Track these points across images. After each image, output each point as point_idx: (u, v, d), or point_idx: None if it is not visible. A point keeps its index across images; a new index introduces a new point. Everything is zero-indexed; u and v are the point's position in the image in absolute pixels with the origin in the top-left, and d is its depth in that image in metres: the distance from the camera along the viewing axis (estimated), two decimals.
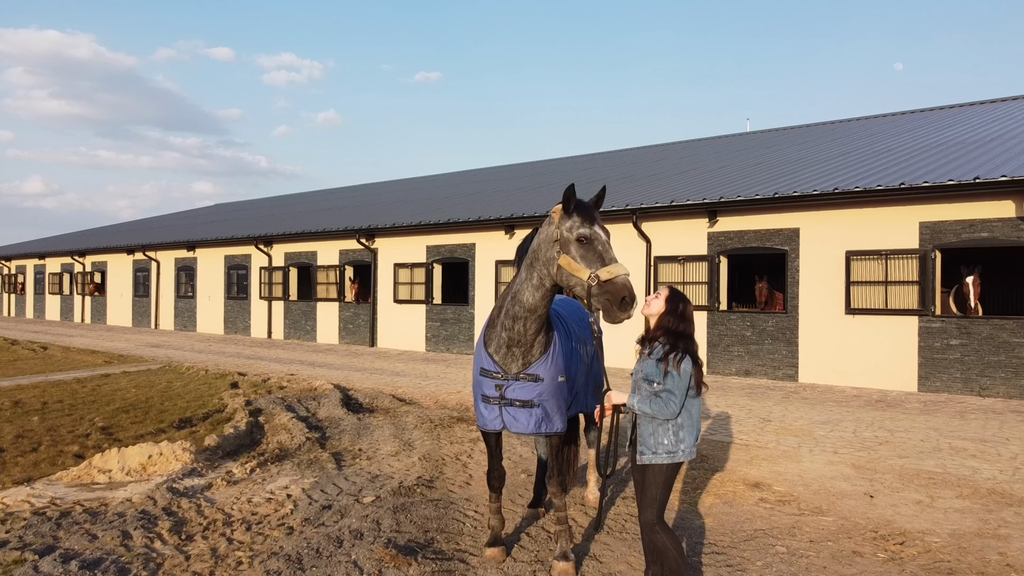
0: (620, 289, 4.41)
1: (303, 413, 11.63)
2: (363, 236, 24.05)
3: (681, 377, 4.30)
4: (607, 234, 4.73)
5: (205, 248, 31.17)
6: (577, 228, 4.69)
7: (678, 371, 4.30)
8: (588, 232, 4.65)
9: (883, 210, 14.26)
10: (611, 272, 4.45)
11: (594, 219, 4.71)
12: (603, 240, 4.65)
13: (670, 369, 4.30)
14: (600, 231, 4.67)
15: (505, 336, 5.05)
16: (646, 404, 4.32)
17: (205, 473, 7.86)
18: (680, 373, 4.30)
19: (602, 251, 4.60)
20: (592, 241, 4.63)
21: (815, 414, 11.83)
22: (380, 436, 9.88)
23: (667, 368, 4.31)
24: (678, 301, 4.50)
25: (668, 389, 4.29)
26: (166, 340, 27.40)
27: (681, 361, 4.31)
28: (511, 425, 5.12)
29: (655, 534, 4.38)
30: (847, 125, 27.55)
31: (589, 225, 4.67)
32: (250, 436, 10.08)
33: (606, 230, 4.74)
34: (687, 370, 4.32)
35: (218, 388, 14.70)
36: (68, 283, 40.38)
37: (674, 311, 4.47)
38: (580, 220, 4.71)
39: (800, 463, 8.72)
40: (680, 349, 4.36)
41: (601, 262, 4.54)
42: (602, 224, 4.76)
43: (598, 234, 4.65)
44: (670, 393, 4.29)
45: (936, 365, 13.68)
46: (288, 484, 7.38)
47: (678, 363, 4.30)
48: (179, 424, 11.08)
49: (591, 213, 4.74)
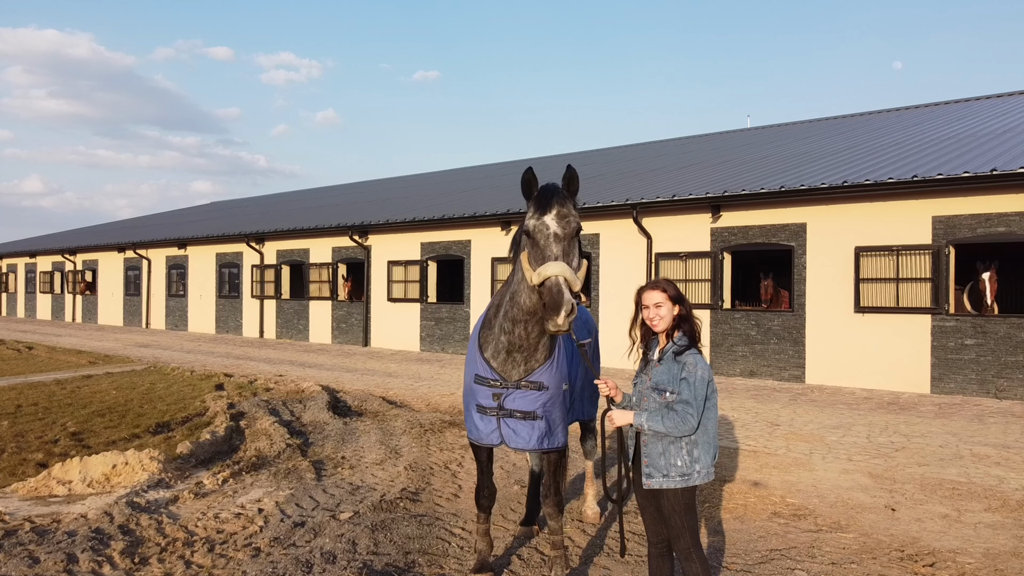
0: (547, 294, 3.79)
1: (287, 417, 11.05)
2: (356, 233, 23.45)
3: (698, 383, 3.73)
4: (564, 224, 3.95)
5: (196, 246, 30.57)
6: (526, 220, 4.07)
7: (695, 375, 3.73)
8: (533, 224, 3.99)
9: (894, 204, 13.68)
10: (540, 275, 3.81)
11: (547, 207, 3.98)
12: (548, 233, 3.92)
13: (686, 374, 3.74)
14: (551, 221, 3.94)
15: (505, 340, 4.44)
16: (658, 421, 3.73)
17: (173, 484, 7.28)
18: (697, 378, 3.73)
19: (544, 246, 3.91)
20: (535, 236, 3.97)
21: (825, 417, 11.27)
22: (366, 442, 9.31)
23: (683, 373, 3.75)
24: (678, 292, 3.96)
25: (685, 400, 3.71)
26: (156, 340, 26.80)
27: (698, 364, 3.76)
28: (510, 440, 4.50)
29: (690, 563, 3.82)
30: (851, 120, 26.96)
31: (538, 215, 3.99)
32: (228, 442, 9.51)
33: (566, 217, 3.97)
34: (704, 376, 3.76)
35: (202, 390, 14.13)
36: (59, 282, 39.77)
37: (681, 297, 3.92)
38: (531, 210, 4.06)
39: (813, 472, 8.16)
40: (698, 344, 3.81)
41: (541, 260, 3.89)
42: (563, 211, 3.98)
43: (544, 226, 3.94)
44: (687, 405, 3.70)
45: (950, 366, 13.10)
46: (261, 497, 6.80)
47: (694, 365, 3.74)
48: (156, 429, 10.52)
49: (546, 200, 4.01)
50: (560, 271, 3.78)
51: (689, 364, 3.76)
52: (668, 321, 3.90)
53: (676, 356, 3.81)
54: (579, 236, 4.09)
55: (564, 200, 4.03)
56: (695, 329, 3.88)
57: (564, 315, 3.70)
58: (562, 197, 4.03)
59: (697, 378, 3.73)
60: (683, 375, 3.74)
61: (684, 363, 3.78)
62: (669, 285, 3.98)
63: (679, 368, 3.78)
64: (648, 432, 3.79)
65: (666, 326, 3.91)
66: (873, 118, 26.25)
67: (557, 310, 3.71)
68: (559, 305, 3.71)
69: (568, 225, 3.97)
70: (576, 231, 4.01)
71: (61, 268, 39.59)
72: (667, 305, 3.89)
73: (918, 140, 18.15)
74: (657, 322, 3.90)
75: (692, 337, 3.86)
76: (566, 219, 3.98)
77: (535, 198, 4.08)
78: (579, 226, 4.04)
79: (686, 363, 3.77)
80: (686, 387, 3.72)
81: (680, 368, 3.78)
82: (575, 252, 4.00)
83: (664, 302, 3.90)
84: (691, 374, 3.74)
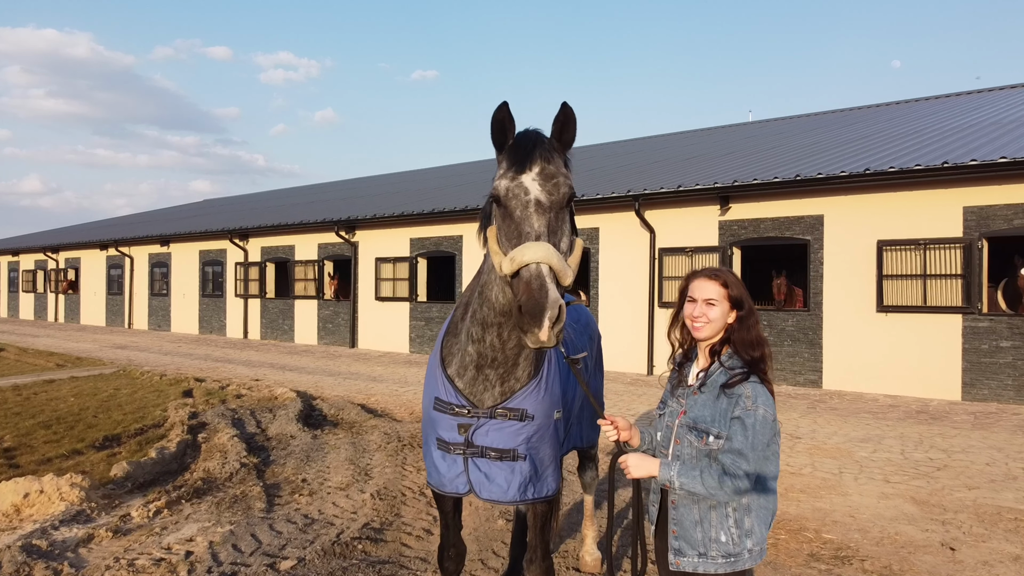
0: (523, 290, 2.55)
1: (251, 429, 9.91)
2: (343, 228, 22.27)
3: (759, 426, 2.60)
4: (550, 187, 2.74)
5: (179, 243, 29.37)
6: (496, 180, 2.85)
7: (755, 414, 2.60)
8: (505, 187, 2.78)
9: (921, 193, 12.53)
10: (514, 261, 2.60)
11: (526, 161, 2.76)
12: (526, 200, 2.71)
13: (741, 413, 2.59)
14: (530, 182, 2.72)
15: (473, 352, 3.23)
16: (695, 477, 2.60)
17: (96, 516, 6.14)
18: (758, 420, 2.59)
19: (520, 219, 2.70)
20: (508, 203, 2.76)
21: (850, 429, 10.14)
22: (333, 460, 8.16)
23: (736, 410, 2.61)
24: (741, 291, 2.80)
25: (737, 450, 2.57)
26: (135, 341, 25.63)
27: (758, 399, 2.62)
28: (481, 488, 3.30)
29: None
30: (858, 112, 25.78)
31: (513, 173, 2.78)
32: (179, 459, 8.38)
33: (553, 178, 2.75)
34: (766, 415, 2.62)
35: (168, 397, 12.98)
36: (42, 281, 38.54)
37: (741, 303, 2.78)
38: (504, 166, 2.86)
39: (847, 496, 7.03)
40: (761, 371, 2.68)
41: (516, 239, 2.69)
42: (548, 169, 2.76)
43: (520, 189, 2.73)
44: (739, 458, 2.56)
45: (983, 370, 11.95)
46: (195, 534, 5.65)
47: (755, 402, 2.60)
48: (102, 443, 9.38)
49: (525, 151, 2.78)
50: (542, 256, 2.56)
51: (746, 398, 2.61)
52: (716, 329, 2.75)
53: (726, 388, 2.66)
54: (572, 206, 2.88)
55: (551, 153, 2.80)
56: (763, 352, 2.72)
57: (548, 323, 2.48)
58: (548, 149, 2.80)
59: (757, 419, 2.58)
60: (736, 413, 2.59)
61: (739, 396, 2.62)
62: (732, 279, 2.82)
63: (730, 403, 2.63)
64: (679, 491, 2.65)
65: (711, 335, 2.76)
66: (881, 110, 25.10)
67: (538, 316, 2.48)
68: (540, 308, 2.49)
69: (556, 189, 2.75)
70: (567, 198, 2.80)
71: (44, 267, 38.37)
72: (722, 306, 2.75)
73: (937, 128, 17.01)
74: (700, 326, 2.76)
75: (753, 360, 2.70)
76: (553, 180, 2.75)
77: (510, 148, 2.86)
78: (571, 191, 2.82)
79: (742, 396, 2.62)
80: (740, 431, 2.57)
81: (732, 403, 2.63)
82: (565, 229, 2.80)
83: (719, 300, 2.76)
84: (749, 413, 2.59)
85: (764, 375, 2.71)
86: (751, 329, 2.75)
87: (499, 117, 2.86)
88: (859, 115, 24.69)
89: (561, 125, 2.90)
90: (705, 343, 2.80)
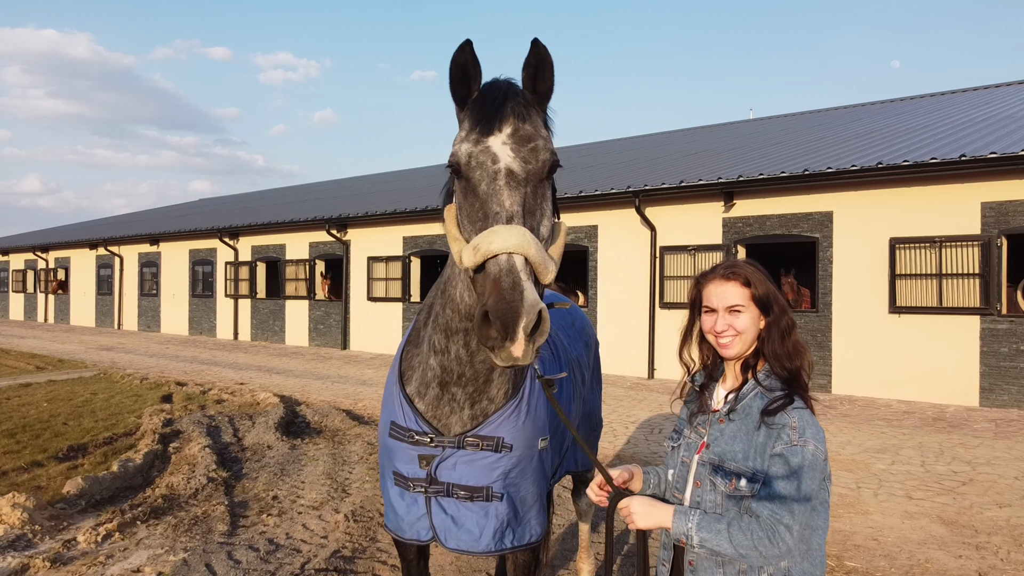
0: (491, 289, 1.89)
1: (227, 438, 9.29)
2: (334, 227, 21.64)
3: (807, 468, 1.98)
4: (527, 152, 2.09)
5: (169, 242, 28.71)
6: (456, 144, 2.20)
7: (804, 452, 1.98)
8: (466, 152, 2.13)
9: (936, 189, 11.91)
10: (479, 250, 1.95)
11: (493, 118, 2.11)
12: (493, 170, 2.06)
13: (783, 449, 1.98)
14: (499, 147, 2.08)
15: (436, 365, 2.58)
16: (721, 533, 1.97)
17: (38, 542, 5.52)
18: (806, 459, 1.98)
19: (486, 196, 2.06)
20: (470, 174, 2.12)
21: (864, 437, 9.53)
22: (310, 474, 7.54)
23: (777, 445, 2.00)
24: (768, 287, 2.20)
25: (780, 496, 1.95)
26: (123, 342, 24.99)
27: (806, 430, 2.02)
28: (447, 534, 2.66)
29: None
30: (863, 109, 25.13)
31: (478, 134, 2.12)
32: (146, 472, 7.75)
33: (530, 141, 2.10)
34: (817, 454, 2.01)
35: (145, 401, 12.36)
36: (32, 281, 37.88)
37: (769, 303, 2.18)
38: (467, 127, 2.18)
39: (868, 515, 6.43)
40: (802, 388, 2.10)
41: (481, 221, 2.05)
42: (523, 130, 2.11)
43: (487, 156, 2.09)
44: (781, 508, 1.94)
45: (1003, 375, 11.33)
46: (143, 564, 5.03)
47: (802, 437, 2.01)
48: (67, 454, 8.76)
49: (493, 106, 2.12)
50: (515, 243, 1.91)
51: (791, 430, 2.01)
52: (749, 341, 2.15)
53: (766, 416, 2.05)
54: (552, 179, 2.24)
55: (526, 109, 2.16)
56: (803, 362, 2.13)
57: (522, 335, 1.84)
58: (523, 103, 2.16)
59: (806, 458, 1.98)
60: (778, 449, 1.99)
61: (781, 427, 2.02)
62: (754, 274, 2.21)
63: (769, 436, 2.03)
64: (698, 549, 2.02)
65: (743, 350, 2.16)
66: (886, 106, 24.46)
67: (510, 324, 1.83)
68: (514, 314, 1.83)
69: (534, 156, 2.10)
70: (548, 167, 2.14)
71: (34, 266, 37.71)
72: (750, 311, 2.15)
73: (947, 123, 16.41)
74: (727, 342, 2.15)
75: (791, 373, 2.11)
76: (530, 144, 2.11)
77: (474, 102, 2.20)
78: (553, 158, 2.16)
79: (785, 427, 2.02)
80: (782, 473, 1.96)
81: (774, 436, 2.02)
82: (545, 209, 2.16)
83: (745, 305, 2.15)
84: (795, 450, 1.99)
85: (806, 394, 2.12)
86: (786, 335, 2.16)
87: (460, 60, 2.18)
88: (865, 111, 24.07)
89: (534, 71, 2.22)
90: (734, 361, 2.20)
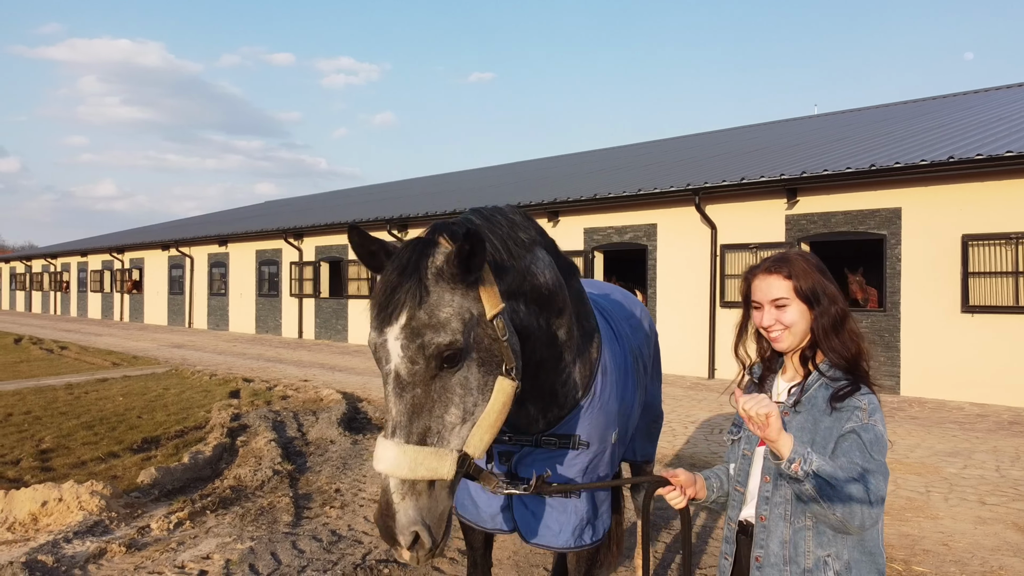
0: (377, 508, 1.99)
1: (291, 433, 9.55)
2: (395, 227, 21.98)
3: (878, 446, 1.96)
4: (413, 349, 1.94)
5: (237, 243, 29.60)
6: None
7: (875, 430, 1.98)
8: (371, 342, 2.05)
9: (1012, 183, 11.43)
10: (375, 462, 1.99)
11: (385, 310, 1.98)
12: (385, 370, 2.01)
13: (855, 425, 1.97)
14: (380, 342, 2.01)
15: None
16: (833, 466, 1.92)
17: (114, 528, 5.78)
18: (877, 437, 1.97)
19: (385, 395, 2.03)
20: (378, 367, 2.06)
21: (935, 440, 9.23)
22: (371, 469, 7.69)
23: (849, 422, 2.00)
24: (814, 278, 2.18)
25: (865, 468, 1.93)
26: (193, 340, 25.87)
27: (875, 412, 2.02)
28: (528, 529, 2.68)
29: None
30: (930, 103, 24.21)
31: (377, 326, 2.02)
32: (214, 464, 8.03)
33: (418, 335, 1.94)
34: (884, 437, 2.00)
35: (214, 397, 12.80)
36: (108, 281, 39.53)
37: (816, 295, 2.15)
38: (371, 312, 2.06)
39: (937, 520, 6.23)
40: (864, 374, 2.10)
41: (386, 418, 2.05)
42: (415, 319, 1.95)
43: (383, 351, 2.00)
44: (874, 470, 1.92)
45: None
46: (212, 551, 5.23)
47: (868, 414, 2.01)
48: (141, 445, 9.14)
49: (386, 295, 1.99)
50: (385, 466, 1.93)
51: (861, 411, 2.00)
52: (799, 334, 2.14)
53: (835, 401, 2.04)
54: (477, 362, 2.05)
55: (423, 291, 1.97)
56: (860, 349, 2.11)
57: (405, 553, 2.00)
58: (424, 284, 1.98)
59: (877, 436, 1.97)
60: (848, 427, 1.97)
61: (852, 409, 2.01)
62: (799, 265, 2.19)
63: (839, 419, 2.02)
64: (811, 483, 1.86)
65: (795, 343, 2.15)
66: (957, 99, 23.55)
67: (388, 542, 2.00)
68: (389, 536, 1.97)
69: (421, 354, 1.95)
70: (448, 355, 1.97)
71: (110, 267, 39.35)
72: (795, 304, 2.13)
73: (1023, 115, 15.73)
74: (777, 335, 2.15)
75: (851, 362, 2.09)
76: (418, 340, 1.94)
77: (379, 279, 2.09)
78: (454, 347, 1.97)
79: (856, 409, 2.00)
80: (856, 448, 1.94)
81: (844, 418, 2.01)
82: (452, 394, 2.00)
83: (789, 298, 2.14)
84: (867, 427, 1.97)
85: (869, 381, 2.10)
86: (838, 325, 2.12)
87: (354, 243, 2.11)
88: (931, 105, 23.22)
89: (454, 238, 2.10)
90: (790, 355, 2.19)
